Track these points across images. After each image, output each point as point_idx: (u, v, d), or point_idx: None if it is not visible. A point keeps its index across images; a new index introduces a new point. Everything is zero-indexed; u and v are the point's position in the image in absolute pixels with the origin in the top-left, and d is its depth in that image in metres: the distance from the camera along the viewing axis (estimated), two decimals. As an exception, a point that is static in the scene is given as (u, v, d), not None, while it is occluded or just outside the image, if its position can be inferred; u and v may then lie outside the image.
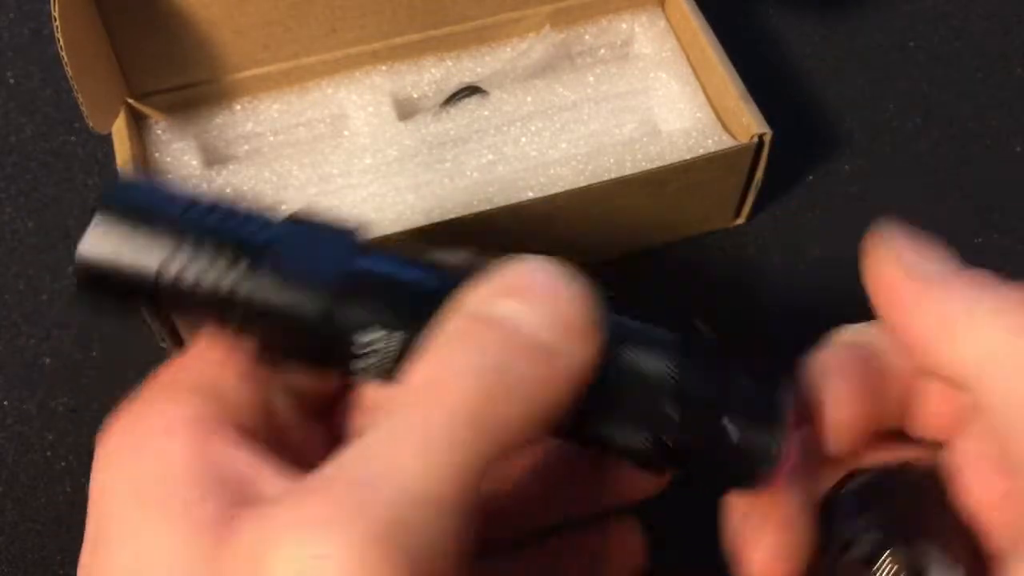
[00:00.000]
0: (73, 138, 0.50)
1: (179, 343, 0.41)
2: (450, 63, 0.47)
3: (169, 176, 0.43)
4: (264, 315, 0.20)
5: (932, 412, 0.23)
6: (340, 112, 0.46)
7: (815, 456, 0.23)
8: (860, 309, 0.47)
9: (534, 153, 0.45)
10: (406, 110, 0.46)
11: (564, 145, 0.45)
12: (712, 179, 0.43)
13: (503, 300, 0.20)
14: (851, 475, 0.23)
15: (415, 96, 0.47)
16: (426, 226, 0.40)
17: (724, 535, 0.23)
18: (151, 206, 0.20)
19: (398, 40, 0.46)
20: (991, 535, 0.22)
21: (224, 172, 0.43)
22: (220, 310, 0.20)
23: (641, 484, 0.26)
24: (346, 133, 0.46)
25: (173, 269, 0.20)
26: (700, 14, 0.46)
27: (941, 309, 0.21)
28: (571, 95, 0.46)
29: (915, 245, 0.23)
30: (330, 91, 0.46)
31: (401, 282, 0.21)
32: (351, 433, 0.23)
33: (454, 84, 0.47)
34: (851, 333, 0.24)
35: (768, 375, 0.22)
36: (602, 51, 0.49)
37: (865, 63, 0.52)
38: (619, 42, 0.49)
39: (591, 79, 0.46)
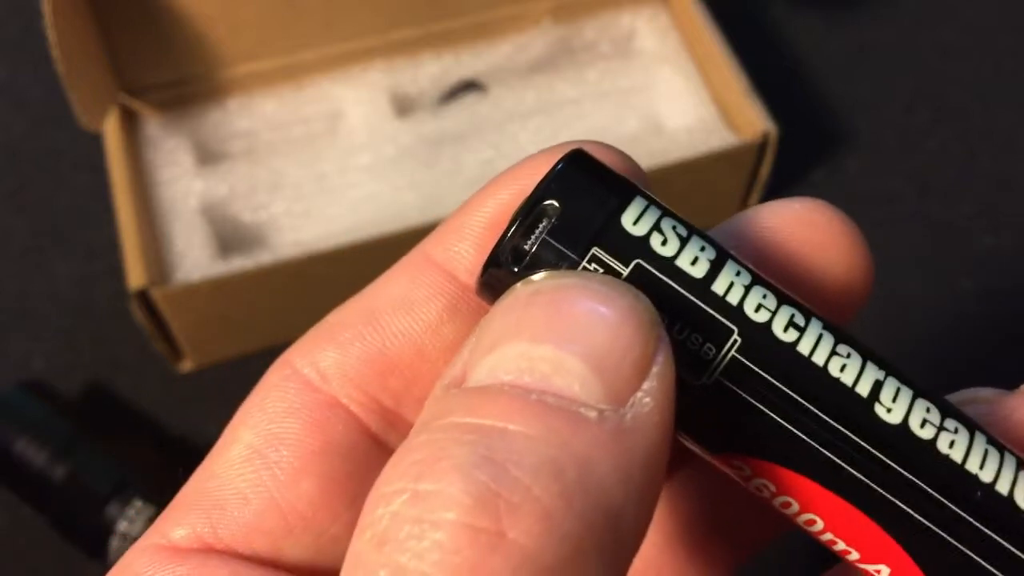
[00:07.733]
0: (64, 135, 0.49)
1: (170, 345, 0.40)
2: (448, 59, 0.46)
3: (161, 175, 0.43)
4: None
5: None
6: (336, 109, 0.45)
7: None
8: (863, 309, 0.46)
9: (534, 150, 0.44)
10: (404, 107, 0.45)
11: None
12: (716, 177, 0.42)
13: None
14: None
15: (413, 92, 0.46)
16: (425, 225, 0.39)
17: None
18: None
19: (395, 35, 0.45)
20: None
21: (218, 170, 0.43)
22: None
23: None
24: (343, 130, 0.45)
25: None
26: (704, 8, 0.45)
27: None
28: (572, 91, 0.45)
29: None
30: (326, 87, 0.45)
31: None
32: None
33: (453, 80, 0.46)
34: None
35: None
36: (604, 46, 0.48)
37: (872, 59, 0.51)
38: (621, 37, 0.48)
39: (592, 75, 0.46)
